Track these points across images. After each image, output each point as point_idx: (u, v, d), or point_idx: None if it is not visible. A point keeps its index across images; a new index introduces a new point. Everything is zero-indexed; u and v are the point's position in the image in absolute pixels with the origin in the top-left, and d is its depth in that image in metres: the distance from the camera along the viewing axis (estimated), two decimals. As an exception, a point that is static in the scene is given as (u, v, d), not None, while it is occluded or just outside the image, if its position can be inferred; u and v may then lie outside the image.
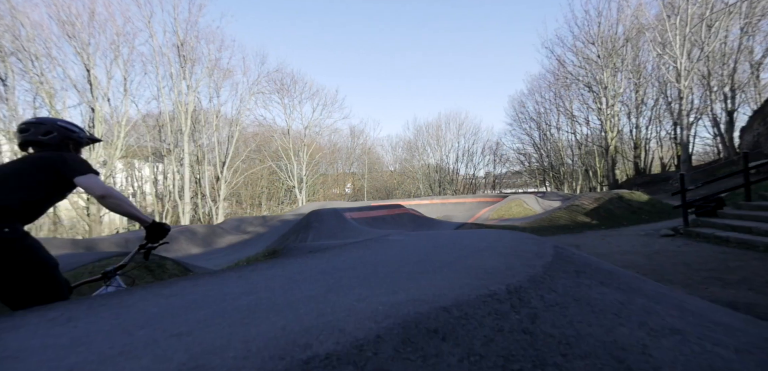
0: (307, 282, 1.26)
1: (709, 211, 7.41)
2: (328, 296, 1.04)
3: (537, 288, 1.09)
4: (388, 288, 1.08)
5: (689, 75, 17.89)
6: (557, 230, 9.95)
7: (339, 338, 0.70)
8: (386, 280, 1.20)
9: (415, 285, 1.11)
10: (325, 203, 22.34)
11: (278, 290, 1.16)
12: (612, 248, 6.71)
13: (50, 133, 1.76)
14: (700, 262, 4.95)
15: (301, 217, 8.34)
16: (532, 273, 1.19)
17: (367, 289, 1.09)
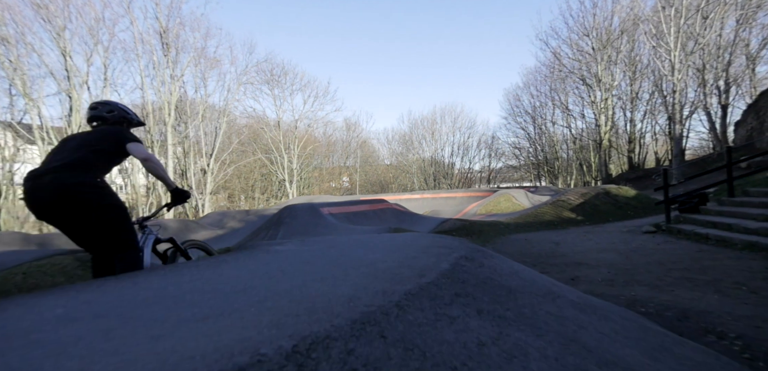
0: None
1: (692, 207, 7.28)
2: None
3: (359, 335, 0.82)
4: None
5: (683, 68, 17.72)
6: (541, 226, 9.81)
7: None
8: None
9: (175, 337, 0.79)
10: (313, 196, 22.16)
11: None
12: (591, 245, 6.57)
13: (112, 112, 2.34)
14: (674, 260, 4.81)
15: (274, 213, 8.14)
16: (380, 305, 0.97)
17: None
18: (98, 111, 2.33)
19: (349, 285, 1.13)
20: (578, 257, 5.47)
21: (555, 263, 5.13)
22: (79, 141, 2.08)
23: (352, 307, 0.92)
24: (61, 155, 1.97)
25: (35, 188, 1.85)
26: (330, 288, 1.10)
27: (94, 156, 2.02)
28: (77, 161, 1.94)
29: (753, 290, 3.26)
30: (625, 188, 11.33)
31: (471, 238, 9.02)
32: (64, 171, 1.89)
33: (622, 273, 4.31)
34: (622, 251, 5.71)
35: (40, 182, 1.85)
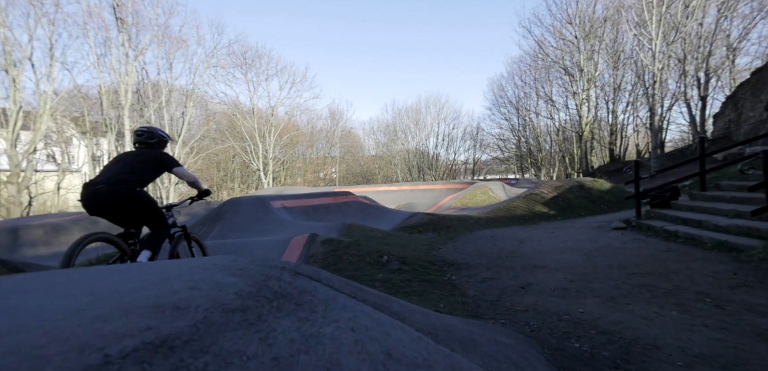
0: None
1: (663, 201, 6.94)
2: None
3: None
4: None
5: (664, 58, 17.57)
6: (512, 220, 9.41)
7: None
8: None
9: None
10: (282, 188, 21.37)
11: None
12: (556, 243, 6.14)
13: (153, 138, 3.08)
14: (638, 263, 4.39)
15: (213, 207, 7.44)
16: None
17: None
18: (143, 138, 3.07)
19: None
20: (538, 259, 5.01)
21: (511, 266, 4.65)
22: (130, 162, 2.82)
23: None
24: (112, 172, 2.72)
25: (93, 195, 2.62)
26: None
27: (140, 177, 2.78)
28: (126, 179, 2.70)
29: (718, 302, 2.82)
30: (600, 181, 11.04)
31: (439, 233, 8.56)
32: (115, 185, 2.65)
33: (579, 279, 3.85)
34: (586, 251, 5.29)
35: (97, 193, 2.62)
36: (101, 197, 2.60)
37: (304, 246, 3.73)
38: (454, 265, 4.83)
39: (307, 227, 6.55)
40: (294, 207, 8.45)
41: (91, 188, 2.62)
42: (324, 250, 3.74)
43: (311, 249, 3.71)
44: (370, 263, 3.71)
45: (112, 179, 2.65)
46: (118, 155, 2.96)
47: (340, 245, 3.94)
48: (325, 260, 3.55)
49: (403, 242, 6.27)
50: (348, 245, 3.96)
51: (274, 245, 3.84)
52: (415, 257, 4.97)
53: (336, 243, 3.94)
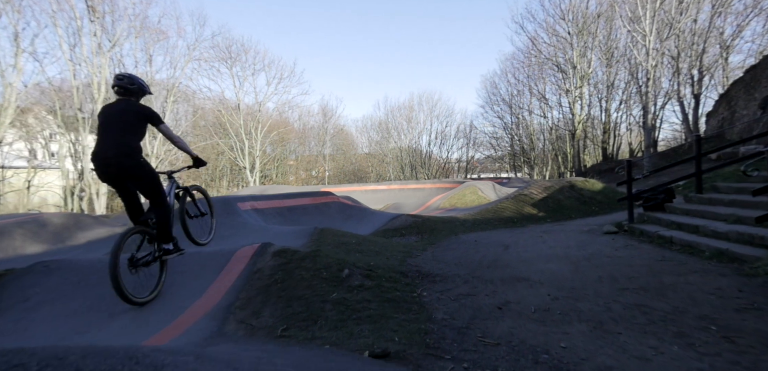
0: None
1: (657, 204, 6.57)
2: None
3: None
4: None
5: (658, 55, 17.33)
6: (500, 223, 8.99)
7: None
8: None
9: None
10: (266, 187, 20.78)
11: None
12: (543, 249, 5.72)
13: (133, 84, 3.19)
14: (631, 274, 3.97)
15: None
16: None
17: None
18: (123, 82, 3.14)
19: None
20: (521, 269, 4.57)
21: (491, 279, 4.20)
22: (121, 123, 2.99)
23: None
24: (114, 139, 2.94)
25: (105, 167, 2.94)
26: None
27: (136, 137, 3.03)
28: (129, 146, 2.97)
29: (726, 332, 2.38)
30: (592, 181, 10.69)
31: (422, 236, 8.11)
32: (123, 158, 2.93)
33: (564, 296, 3.41)
34: (575, 260, 4.86)
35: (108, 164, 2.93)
36: (112, 169, 2.92)
37: (250, 260, 3.23)
38: (429, 277, 4.37)
39: (274, 232, 6.04)
40: (267, 209, 7.91)
41: (102, 159, 2.89)
42: (274, 264, 3.24)
43: (258, 263, 3.21)
44: (327, 280, 3.22)
45: (121, 152, 2.91)
46: (107, 114, 3.05)
47: (294, 258, 3.44)
48: (273, 278, 3.05)
49: (379, 249, 5.80)
50: (304, 257, 3.47)
51: (213, 259, 3.32)
52: (386, 268, 4.50)
53: (290, 255, 3.45)
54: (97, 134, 3.00)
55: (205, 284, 2.88)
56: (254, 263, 3.15)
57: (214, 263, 3.20)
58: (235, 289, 2.73)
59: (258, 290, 2.74)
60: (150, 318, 2.56)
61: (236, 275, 2.96)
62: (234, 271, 3.03)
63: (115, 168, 2.90)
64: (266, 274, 3.00)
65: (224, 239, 5.32)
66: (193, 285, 2.89)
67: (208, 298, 2.65)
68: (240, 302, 2.56)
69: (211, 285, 2.85)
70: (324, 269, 3.39)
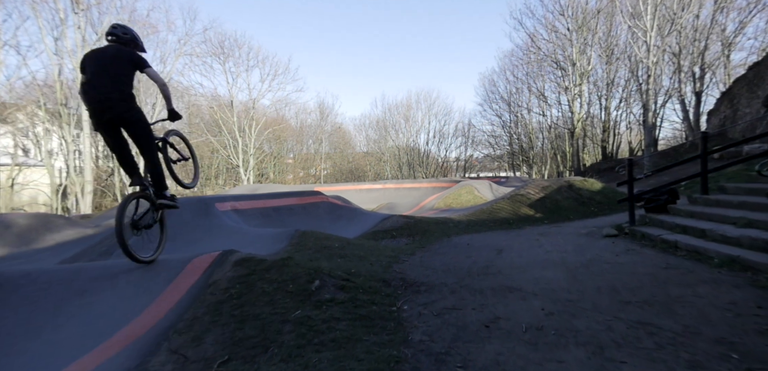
0: None
1: (659, 206, 6.23)
2: None
3: None
4: None
5: (659, 52, 17.01)
6: (495, 224, 8.66)
7: None
8: None
9: None
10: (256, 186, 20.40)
11: None
12: (538, 254, 5.38)
13: (126, 34, 3.31)
14: (634, 285, 3.63)
15: None
16: None
17: None
18: (116, 31, 3.29)
19: None
20: (514, 277, 4.23)
21: (480, 288, 3.86)
22: (114, 67, 3.03)
23: None
24: (110, 83, 2.96)
25: (102, 111, 2.95)
26: None
27: (129, 84, 3.07)
28: (124, 92, 3.01)
29: (750, 364, 2.04)
30: (591, 181, 10.36)
31: (413, 238, 7.77)
32: (120, 102, 2.97)
33: (560, 311, 3.06)
34: (572, 267, 4.52)
35: (105, 108, 2.93)
36: (108, 114, 2.93)
37: (206, 271, 2.87)
38: (413, 286, 4.02)
39: (252, 235, 5.68)
40: (249, 210, 7.55)
41: (99, 102, 2.91)
42: (233, 276, 2.88)
43: (215, 275, 2.85)
44: (292, 294, 2.87)
45: (119, 96, 2.96)
46: (98, 58, 3.07)
47: (258, 268, 3.08)
48: (228, 293, 2.69)
49: (364, 253, 5.45)
50: (270, 267, 3.11)
51: (162, 270, 2.95)
52: (367, 276, 4.15)
53: (254, 265, 3.09)
54: (88, 77, 3.01)
55: (148, 300, 2.53)
56: (210, 275, 2.79)
57: (161, 276, 2.83)
58: (181, 307, 2.38)
59: (208, 308, 2.38)
60: (70, 339, 2.21)
61: (185, 289, 2.60)
62: (183, 285, 2.67)
63: (111, 113, 2.93)
64: (222, 288, 2.64)
65: (194, 243, 4.96)
66: (133, 303, 2.53)
67: (144, 320, 2.30)
68: (182, 324, 2.20)
69: (152, 303, 2.49)
70: (291, 280, 3.03)
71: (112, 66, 3.01)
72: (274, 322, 2.40)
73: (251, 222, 7.28)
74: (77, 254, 4.91)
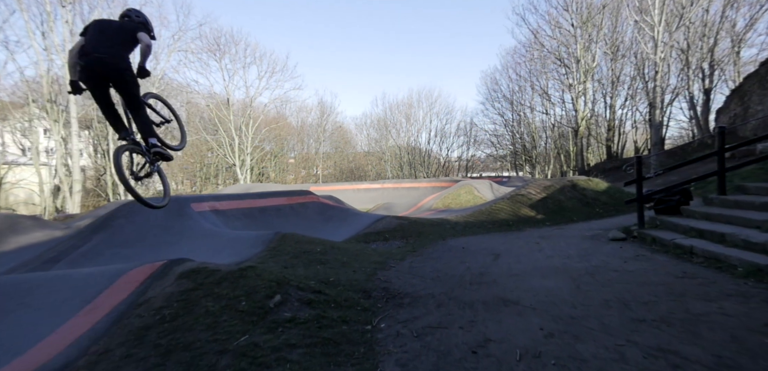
0: None
1: (671, 207, 5.76)
2: None
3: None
4: None
5: (666, 47, 16.46)
6: (493, 226, 8.20)
7: None
8: None
9: None
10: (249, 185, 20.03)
11: None
12: (539, 260, 4.92)
13: (139, 17, 3.44)
14: (647, 298, 3.18)
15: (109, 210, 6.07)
16: None
17: None
18: (130, 13, 3.43)
19: None
20: (511, 287, 3.78)
21: (471, 301, 3.42)
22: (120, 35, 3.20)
23: None
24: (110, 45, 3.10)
25: (93, 64, 3.01)
26: None
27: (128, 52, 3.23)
28: (123, 57, 3.16)
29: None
30: (596, 181, 9.88)
31: (406, 241, 7.33)
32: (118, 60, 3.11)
33: (561, 331, 2.62)
34: (576, 275, 4.07)
35: (98, 62, 3.01)
36: (101, 68, 3.00)
37: (141, 286, 2.45)
38: (397, 297, 3.58)
39: (227, 239, 5.25)
40: (231, 210, 7.13)
41: (94, 58, 2.97)
42: (174, 291, 2.46)
43: (151, 290, 2.42)
44: (244, 313, 2.43)
45: (116, 56, 3.06)
46: (104, 23, 3.26)
47: (208, 281, 2.66)
48: (161, 314, 2.27)
49: (348, 258, 5.02)
50: (222, 280, 2.68)
51: (89, 284, 2.52)
52: (345, 286, 3.72)
53: (204, 277, 2.66)
54: (89, 36, 3.10)
55: (57, 323, 2.11)
56: (144, 291, 2.37)
57: (84, 292, 2.41)
58: (95, 334, 1.95)
59: (128, 335, 1.96)
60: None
61: (108, 309, 2.18)
62: (107, 303, 2.25)
63: (104, 67, 3.03)
64: (154, 308, 2.22)
65: (160, 248, 4.54)
66: (37, 327, 2.10)
67: (38, 353, 1.87)
68: (85, 361, 1.77)
69: (59, 328, 2.07)
70: (246, 296, 2.60)
71: (116, 35, 3.19)
72: (208, 354, 1.96)
73: (232, 224, 6.87)
74: (27, 261, 4.50)
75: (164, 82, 21.53)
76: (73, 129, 15.05)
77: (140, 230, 4.86)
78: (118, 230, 4.77)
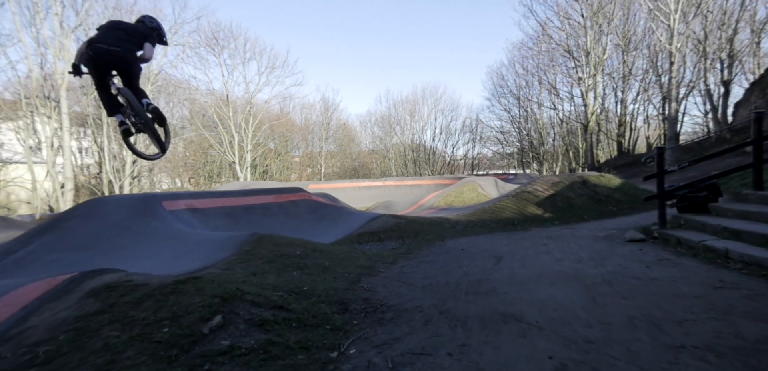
0: None
1: (697, 204, 5.14)
2: None
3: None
4: None
5: (682, 37, 15.65)
6: (497, 225, 7.62)
7: None
8: None
9: None
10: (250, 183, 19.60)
11: None
12: (546, 264, 4.35)
13: (152, 24, 3.84)
14: (681, 315, 2.61)
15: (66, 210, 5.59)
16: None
17: None
18: (144, 19, 3.85)
19: None
20: (513, 298, 3.22)
21: (464, 318, 2.87)
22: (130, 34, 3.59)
23: None
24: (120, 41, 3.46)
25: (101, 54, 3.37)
26: None
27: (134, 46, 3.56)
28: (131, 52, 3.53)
29: None
30: (608, 177, 9.23)
31: (402, 241, 6.79)
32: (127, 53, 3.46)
33: (578, 362, 2.07)
34: (591, 283, 3.50)
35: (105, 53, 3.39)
36: (106, 57, 3.38)
37: (22, 310, 1.94)
38: (377, 312, 3.05)
39: (196, 240, 4.75)
40: (211, 209, 6.65)
41: (101, 50, 3.35)
42: (66, 317, 1.94)
43: (34, 317, 1.90)
44: (160, 345, 1.90)
45: (124, 49, 3.43)
46: (116, 24, 3.65)
47: (125, 299, 2.14)
48: (33, 353, 1.73)
49: (330, 263, 4.49)
50: (145, 297, 2.17)
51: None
52: (319, 298, 3.19)
53: (120, 294, 2.15)
54: (102, 30, 3.50)
55: None
56: (24, 318, 1.85)
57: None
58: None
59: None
60: None
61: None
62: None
63: (111, 57, 3.36)
64: (28, 343, 1.70)
65: (114, 252, 4.05)
66: None
67: None
68: None
69: None
70: (172, 319, 2.08)
71: (126, 33, 3.55)
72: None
73: (213, 224, 6.38)
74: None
75: (161, 77, 21.23)
76: (64, 125, 14.72)
77: (95, 232, 4.37)
78: (68, 233, 4.30)
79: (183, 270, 3.42)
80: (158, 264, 3.59)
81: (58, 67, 14.75)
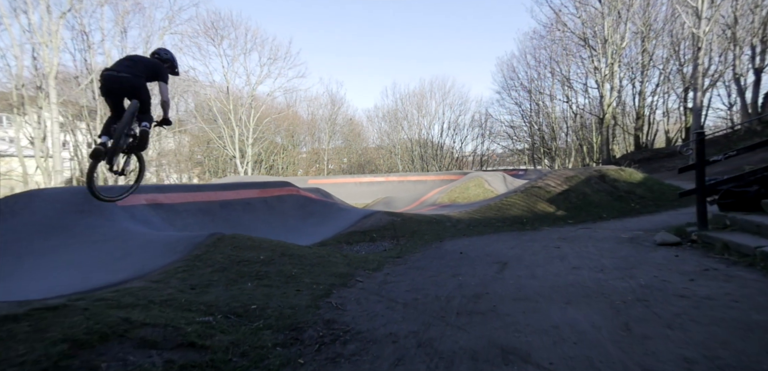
0: None
1: (747, 201, 4.29)
2: None
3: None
4: None
5: (710, 22, 14.48)
6: (503, 224, 6.82)
7: None
8: None
9: None
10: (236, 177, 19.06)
11: None
12: (559, 274, 3.58)
13: (167, 56, 4.32)
14: (757, 354, 1.82)
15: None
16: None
17: None
18: (158, 52, 4.30)
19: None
20: (518, 323, 2.48)
21: (450, 353, 2.15)
22: (144, 68, 3.95)
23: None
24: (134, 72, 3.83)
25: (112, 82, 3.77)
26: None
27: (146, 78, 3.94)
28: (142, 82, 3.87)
29: None
30: (629, 171, 8.33)
31: (396, 242, 6.07)
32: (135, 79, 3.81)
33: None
34: (620, 302, 2.73)
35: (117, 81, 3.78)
36: (118, 85, 3.75)
37: None
38: (334, 344, 2.33)
39: (141, 241, 4.09)
40: (179, 204, 5.99)
41: (114, 79, 3.73)
42: None
43: None
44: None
45: (135, 77, 3.79)
46: (131, 56, 4.04)
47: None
48: None
49: (298, 271, 3.78)
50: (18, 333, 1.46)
51: None
52: (265, 321, 2.50)
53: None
54: (119, 62, 3.91)
55: None
56: None
57: None
58: None
59: None
60: None
61: None
62: None
63: (121, 84, 3.75)
64: None
65: (23, 258, 3.40)
66: None
67: None
68: None
69: None
70: (24, 365, 1.37)
71: (142, 66, 3.91)
72: None
73: (180, 222, 5.73)
74: None
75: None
76: (52, 117, 14.32)
77: (15, 231, 3.73)
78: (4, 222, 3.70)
79: (98, 283, 2.75)
80: (73, 275, 2.93)
81: (45, 55, 14.32)
